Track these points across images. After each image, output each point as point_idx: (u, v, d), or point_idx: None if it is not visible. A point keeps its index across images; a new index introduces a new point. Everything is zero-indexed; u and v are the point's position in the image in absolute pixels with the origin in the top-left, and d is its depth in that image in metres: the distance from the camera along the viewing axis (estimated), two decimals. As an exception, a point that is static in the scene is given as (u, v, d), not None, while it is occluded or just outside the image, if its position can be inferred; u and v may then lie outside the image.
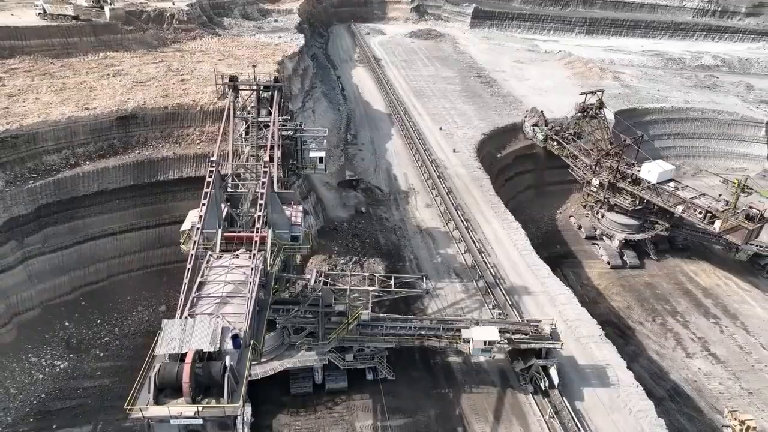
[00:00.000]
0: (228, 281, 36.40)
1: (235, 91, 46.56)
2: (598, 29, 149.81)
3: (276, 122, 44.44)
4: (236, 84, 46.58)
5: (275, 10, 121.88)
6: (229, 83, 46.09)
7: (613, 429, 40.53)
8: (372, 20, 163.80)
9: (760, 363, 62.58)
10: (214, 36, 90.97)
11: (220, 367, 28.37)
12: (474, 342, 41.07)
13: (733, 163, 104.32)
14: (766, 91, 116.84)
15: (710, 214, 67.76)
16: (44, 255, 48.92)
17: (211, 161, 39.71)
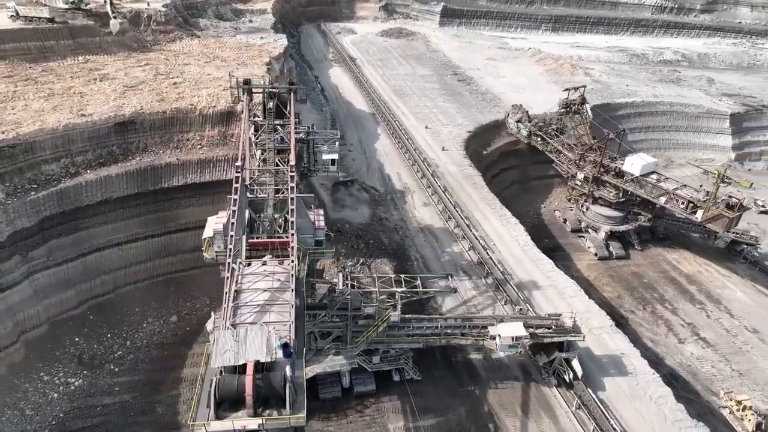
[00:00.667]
0: (264, 289, 35.97)
1: (249, 94, 45.78)
2: (563, 26, 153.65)
3: (294, 125, 43.98)
4: (251, 87, 45.80)
5: (248, 10, 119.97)
6: (244, 86, 45.31)
7: (636, 416, 41.97)
8: (341, 19, 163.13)
9: (747, 345, 65.57)
10: (193, 37, 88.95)
11: (281, 378, 28.05)
12: (502, 338, 41.72)
13: (701, 153, 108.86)
14: (726, 85, 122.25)
15: (692, 204, 70.48)
16: (49, 269, 47.06)
17: (237, 166, 39.13)
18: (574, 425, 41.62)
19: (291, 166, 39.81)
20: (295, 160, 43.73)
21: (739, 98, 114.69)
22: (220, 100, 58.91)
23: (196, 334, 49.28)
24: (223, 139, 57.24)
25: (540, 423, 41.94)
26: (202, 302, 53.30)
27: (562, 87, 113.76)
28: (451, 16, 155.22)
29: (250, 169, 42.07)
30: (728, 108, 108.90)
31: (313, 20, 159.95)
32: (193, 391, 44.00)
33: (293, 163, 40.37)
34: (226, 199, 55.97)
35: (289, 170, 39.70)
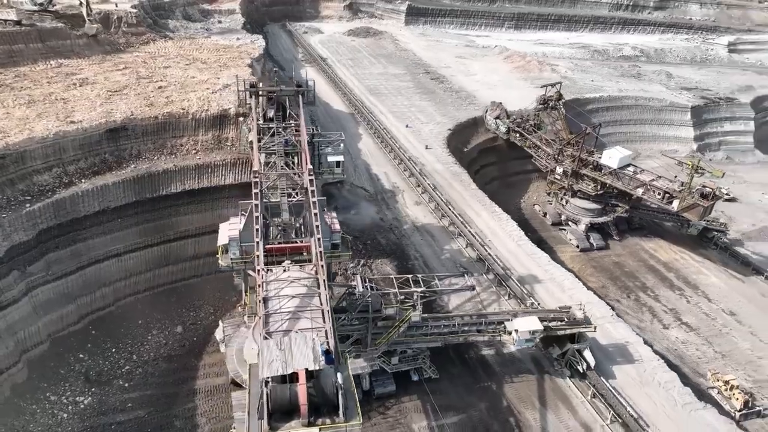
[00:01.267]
0: (292, 295, 35.58)
1: (256, 97, 45.02)
2: (525, 24, 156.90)
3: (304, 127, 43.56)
4: (257, 90, 45.03)
5: (216, 11, 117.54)
6: (251, 90, 44.49)
7: (648, 401, 43.58)
8: (305, 19, 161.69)
9: (726, 327, 68.72)
10: (167, 39, 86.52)
11: (333, 385, 27.86)
12: (520, 332, 42.58)
13: (665, 145, 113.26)
14: (683, 79, 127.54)
15: (668, 194, 73.32)
16: (48, 284, 45.11)
17: (255, 171, 38.58)
18: (592, 414, 42.91)
19: (310, 169, 39.52)
20: (308, 162, 43.45)
21: (697, 91, 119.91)
22: (212, 103, 57.65)
23: (204, 344, 48.23)
24: (218, 143, 56.09)
25: (559, 414, 43.01)
26: (206, 311, 52.16)
27: (532, 84, 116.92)
28: (416, 14, 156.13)
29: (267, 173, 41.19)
30: (688, 101, 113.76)
31: (277, 20, 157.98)
32: (210, 403, 43.33)
33: (311, 166, 40.07)
34: (224, 205, 55.72)
35: (308, 173, 39.37)
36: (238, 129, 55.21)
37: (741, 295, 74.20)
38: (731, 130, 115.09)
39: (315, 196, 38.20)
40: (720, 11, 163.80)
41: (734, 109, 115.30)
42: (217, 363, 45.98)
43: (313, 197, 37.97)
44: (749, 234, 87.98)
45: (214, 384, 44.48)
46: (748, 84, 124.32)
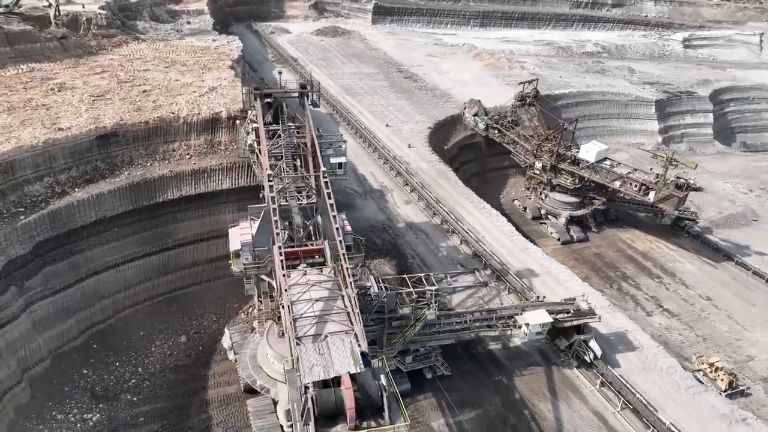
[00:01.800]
0: (316, 298, 35.37)
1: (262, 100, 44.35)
2: (491, 22, 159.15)
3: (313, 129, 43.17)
4: (262, 92, 44.38)
5: (184, 11, 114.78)
6: (256, 92, 43.82)
7: (653, 387, 45.15)
8: (270, 18, 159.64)
9: (704, 312, 71.72)
10: (140, 41, 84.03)
11: (376, 387, 27.93)
12: (531, 326, 43.46)
13: (632, 138, 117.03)
14: (645, 74, 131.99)
15: (644, 186, 75.90)
16: (47, 298, 43.40)
17: (269, 175, 38.07)
18: (602, 402, 44.21)
19: (324, 171, 39.25)
20: (321, 164, 43.02)
21: (659, 86, 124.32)
22: (202, 106, 56.43)
23: (211, 353, 47.30)
24: (211, 147, 54.98)
25: (571, 404, 44.12)
26: (208, 319, 51.11)
27: (503, 81, 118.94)
28: (383, 13, 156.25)
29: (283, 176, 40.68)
30: (652, 95, 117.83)
31: (241, 20, 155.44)
32: (225, 413, 42.58)
33: (324, 168, 39.83)
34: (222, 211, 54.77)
35: (322, 175, 39.14)
36: (235, 132, 54.28)
37: (715, 280, 77.52)
38: (692, 123, 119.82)
39: (331, 197, 38.03)
40: (673, 8, 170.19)
41: (694, 102, 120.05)
42: (226, 371, 45.21)
43: (330, 199, 37.77)
44: (717, 222, 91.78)
45: (226, 393, 43.69)
46: (705, 78, 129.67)
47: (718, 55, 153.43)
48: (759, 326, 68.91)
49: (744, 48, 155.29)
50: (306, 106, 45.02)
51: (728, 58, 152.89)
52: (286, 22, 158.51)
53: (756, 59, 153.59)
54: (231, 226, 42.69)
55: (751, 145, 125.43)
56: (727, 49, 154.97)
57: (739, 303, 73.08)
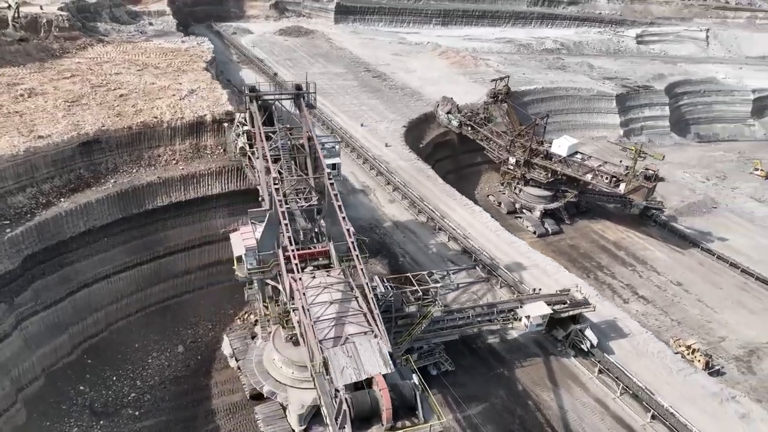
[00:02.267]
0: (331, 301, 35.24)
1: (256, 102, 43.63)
2: (452, 20, 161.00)
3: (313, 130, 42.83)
4: (258, 94, 43.70)
5: (145, 12, 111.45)
6: (251, 94, 43.11)
7: (647, 371, 46.86)
8: (230, 19, 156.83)
9: (676, 297, 74.74)
10: (105, 44, 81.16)
11: (411, 387, 28.07)
12: (533, 318, 44.47)
13: (595, 132, 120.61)
14: (603, 69, 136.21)
15: (615, 178, 78.47)
16: (37, 314, 41.60)
17: (275, 178, 37.66)
18: (602, 389, 45.66)
19: (329, 173, 39.05)
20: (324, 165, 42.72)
21: (618, 81, 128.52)
22: (185, 110, 55.04)
23: (211, 362, 46.31)
24: (197, 151, 53.71)
25: (572, 392, 45.37)
26: (204, 327, 49.98)
27: (471, 78, 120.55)
28: (345, 12, 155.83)
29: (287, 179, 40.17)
30: (613, 90, 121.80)
31: (200, 20, 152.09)
32: (233, 421, 41.84)
33: (329, 169, 39.59)
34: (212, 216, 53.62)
35: (327, 176, 38.91)
36: (221, 136, 53.21)
37: (684, 266, 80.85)
38: (650, 116, 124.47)
39: (339, 198, 37.85)
40: (624, 5, 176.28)
41: (651, 96, 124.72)
42: (229, 379, 44.38)
43: (337, 200, 37.59)
44: (680, 210, 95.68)
45: (231, 401, 42.90)
46: (659, 72, 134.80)
47: (669, 50, 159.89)
48: (727, 308, 72.26)
49: (692, 43, 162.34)
50: (303, 107, 44.56)
51: (678, 53, 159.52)
52: (247, 23, 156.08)
53: (703, 54, 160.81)
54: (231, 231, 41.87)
55: (704, 135, 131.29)
56: (676, 45, 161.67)
57: (707, 287, 76.40)
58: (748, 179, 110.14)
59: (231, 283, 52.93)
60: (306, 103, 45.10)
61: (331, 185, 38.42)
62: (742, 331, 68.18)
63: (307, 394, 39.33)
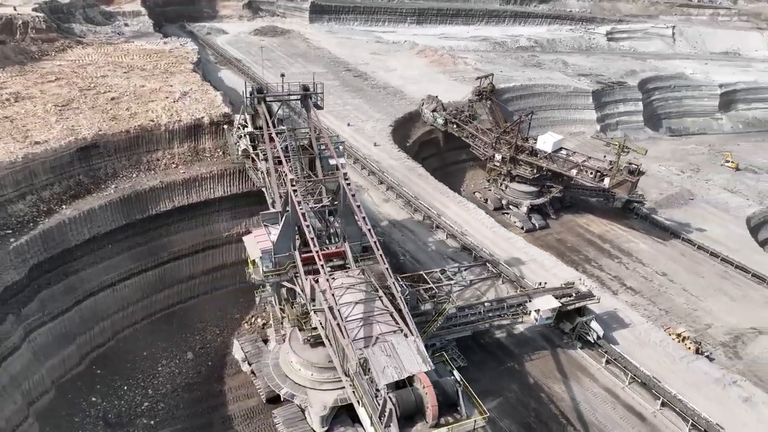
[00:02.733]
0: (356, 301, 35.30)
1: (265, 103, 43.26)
2: (426, 19, 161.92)
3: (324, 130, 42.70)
4: (265, 96, 43.32)
5: (119, 12, 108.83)
6: (259, 95, 42.69)
7: (651, 360, 48.16)
8: (203, 19, 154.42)
9: (662, 287, 76.87)
10: (85, 45, 79.03)
11: (452, 383, 28.41)
12: (542, 312, 45.28)
13: (573, 128, 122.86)
14: (578, 66, 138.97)
15: (599, 173, 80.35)
16: (45, 325, 40.46)
17: (292, 179, 37.50)
18: (611, 379, 46.75)
19: (345, 173, 39.02)
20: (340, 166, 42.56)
21: (593, 77, 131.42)
22: (182, 113, 54.10)
23: (222, 367, 45.69)
24: (195, 154, 52.88)
25: (582, 383, 46.36)
26: (212, 332, 49.26)
27: (451, 77, 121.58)
28: (320, 12, 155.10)
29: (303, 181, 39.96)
30: (589, 86, 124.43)
31: (173, 21, 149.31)
32: (252, 426, 41.46)
33: (345, 170, 39.56)
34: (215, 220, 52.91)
35: (343, 177, 38.89)
36: (219, 139, 52.48)
37: (667, 257, 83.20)
38: (625, 111, 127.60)
39: (357, 198, 37.88)
40: (594, 3, 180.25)
41: (625, 91, 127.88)
42: (243, 384, 43.88)
43: (356, 201, 37.62)
44: (659, 202, 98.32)
45: (247, 406, 42.42)
46: (631, 69, 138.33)
47: (638, 47, 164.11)
48: (710, 296, 74.68)
49: (659, 40, 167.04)
50: (310, 107, 44.36)
51: (646, 49, 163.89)
52: (221, 23, 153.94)
53: (670, 50, 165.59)
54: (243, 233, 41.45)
55: (675, 129, 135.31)
56: (645, 41, 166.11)
57: (690, 276, 78.80)
58: (720, 171, 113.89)
59: (236, 288, 52.68)
60: (313, 103, 44.87)
61: (348, 185, 38.40)
62: (726, 318, 70.55)
63: (329, 395, 39.28)
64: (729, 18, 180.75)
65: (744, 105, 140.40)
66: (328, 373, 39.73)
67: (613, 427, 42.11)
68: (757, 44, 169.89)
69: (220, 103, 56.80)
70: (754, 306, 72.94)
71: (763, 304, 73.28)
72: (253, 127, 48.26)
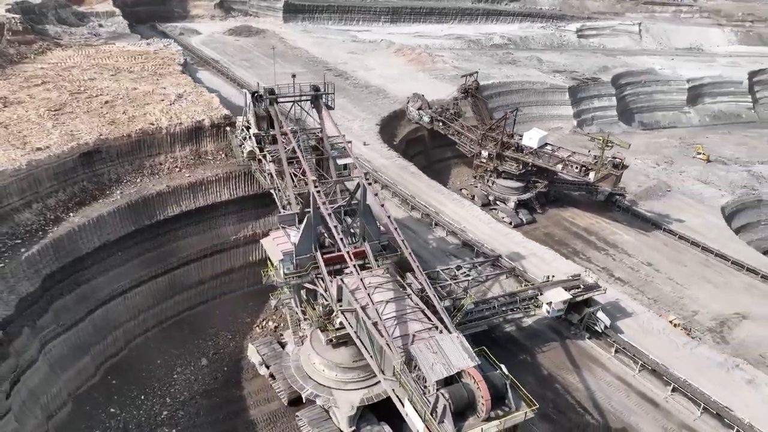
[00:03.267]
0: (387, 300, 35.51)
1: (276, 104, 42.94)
2: (400, 18, 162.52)
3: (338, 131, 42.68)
4: (277, 97, 43.00)
5: (92, 13, 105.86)
6: (270, 96, 42.36)
7: (656, 347, 49.59)
8: (174, 19, 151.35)
9: (649, 276, 79.06)
10: (64, 48, 76.69)
11: (501, 377, 28.91)
12: (555, 304, 46.29)
13: (551, 123, 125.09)
14: (552, 63, 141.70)
15: (584, 167, 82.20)
16: (60, 336, 39.35)
17: (314, 180, 37.45)
18: (621, 367, 48.03)
19: (366, 173, 39.10)
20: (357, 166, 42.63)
21: (567, 73, 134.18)
22: (181, 116, 53.13)
23: (238, 372, 45.16)
24: (198, 157, 52.01)
25: (594, 372, 47.54)
26: (224, 338, 48.57)
27: (431, 75, 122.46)
28: (294, 11, 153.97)
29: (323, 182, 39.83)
30: (565, 83, 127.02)
31: (143, 21, 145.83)
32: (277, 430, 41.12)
33: (365, 171, 39.60)
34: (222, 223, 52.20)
35: (363, 177, 38.98)
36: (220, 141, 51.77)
37: (650, 247, 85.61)
38: (599, 106, 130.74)
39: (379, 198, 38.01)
40: (562, 1, 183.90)
41: (599, 87, 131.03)
42: (262, 388, 43.46)
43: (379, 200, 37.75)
44: (639, 195, 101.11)
45: (269, 410, 42.07)
46: (603, 65, 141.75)
47: (607, 44, 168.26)
48: (694, 284, 77.21)
49: (627, 36, 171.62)
50: (321, 108, 44.25)
51: (615, 46, 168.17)
52: (193, 23, 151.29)
53: (637, 46, 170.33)
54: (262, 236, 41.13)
55: (647, 123, 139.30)
56: (613, 38, 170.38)
57: (674, 266, 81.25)
58: (692, 163, 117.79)
59: (244, 292, 52.12)
60: (324, 103, 44.77)
61: (369, 184, 38.52)
62: (711, 305, 73.02)
63: (354, 394, 39.38)
64: (691, 15, 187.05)
65: (710, 99, 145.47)
66: (353, 373, 39.87)
67: (629, 414, 43.38)
68: (718, 40, 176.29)
69: (218, 105, 55.98)
70: (736, 292, 75.60)
71: (743, 290, 75.98)
72: (258, 129, 47.84)
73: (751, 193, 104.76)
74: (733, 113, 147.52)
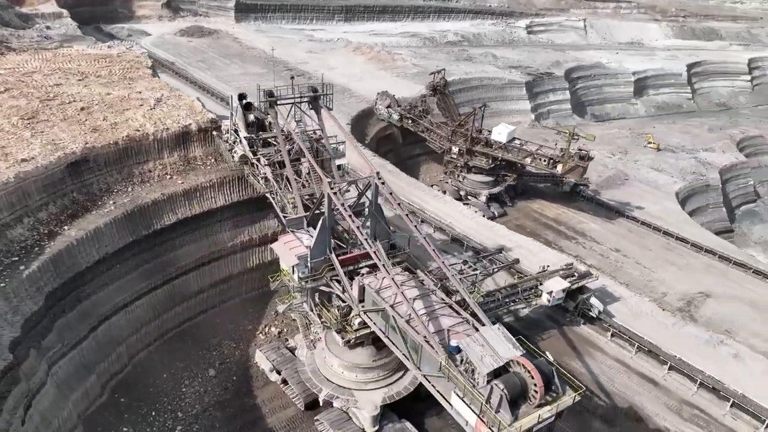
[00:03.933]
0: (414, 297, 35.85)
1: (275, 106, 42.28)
2: (354, 16, 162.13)
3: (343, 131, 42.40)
4: (276, 99, 42.31)
5: (37, 14, 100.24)
6: (270, 99, 41.62)
7: (647, 329, 51.96)
8: (119, 20, 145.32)
9: (618, 262, 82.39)
10: (18, 51, 72.41)
11: (547, 364, 29.84)
12: (555, 293, 47.77)
13: (510, 118, 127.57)
14: (506, 59, 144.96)
15: (552, 160, 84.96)
16: (65, 356, 37.32)
17: (329, 182, 37.32)
18: (619, 350, 50.03)
19: (377, 172, 39.16)
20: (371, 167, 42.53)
21: (522, 69, 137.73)
22: (166, 121, 51.33)
23: (248, 380, 44.16)
24: (187, 163, 50.37)
25: (594, 356, 49.34)
26: (228, 346, 47.32)
27: (392, 73, 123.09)
28: (246, 11, 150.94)
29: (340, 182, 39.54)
30: (521, 78, 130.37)
31: (86, 22, 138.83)
32: (295, 435, 40.59)
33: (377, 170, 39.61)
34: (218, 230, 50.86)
35: (377, 177, 39.01)
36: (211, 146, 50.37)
37: (616, 234, 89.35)
38: (554, 100, 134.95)
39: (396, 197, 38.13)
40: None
41: (554, 81, 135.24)
42: (275, 395, 42.71)
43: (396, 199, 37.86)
44: (600, 184, 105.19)
45: (286, 416, 41.38)
46: (555, 60, 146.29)
47: (555, 39, 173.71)
48: (660, 267, 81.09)
49: (573, 32, 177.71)
50: (320, 109, 43.86)
51: (563, 41, 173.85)
52: (140, 23, 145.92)
53: (583, 41, 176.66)
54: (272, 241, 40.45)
55: (598, 115, 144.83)
56: (561, 34, 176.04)
57: (640, 251, 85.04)
58: (645, 152, 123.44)
59: (242, 298, 51.02)
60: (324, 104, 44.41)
61: (383, 184, 38.57)
62: (677, 286, 76.79)
63: (376, 394, 39.42)
64: (630, 11, 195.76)
65: (654, 90, 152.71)
66: (373, 372, 39.89)
67: (633, 394, 45.31)
68: (656, 34, 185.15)
69: (201, 109, 54.42)
70: (697, 273, 79.83)
71: (704, 271, 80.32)
72: (247, 132, 47.05)
73: (699, 179, 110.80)
74: (675, 104, 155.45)
